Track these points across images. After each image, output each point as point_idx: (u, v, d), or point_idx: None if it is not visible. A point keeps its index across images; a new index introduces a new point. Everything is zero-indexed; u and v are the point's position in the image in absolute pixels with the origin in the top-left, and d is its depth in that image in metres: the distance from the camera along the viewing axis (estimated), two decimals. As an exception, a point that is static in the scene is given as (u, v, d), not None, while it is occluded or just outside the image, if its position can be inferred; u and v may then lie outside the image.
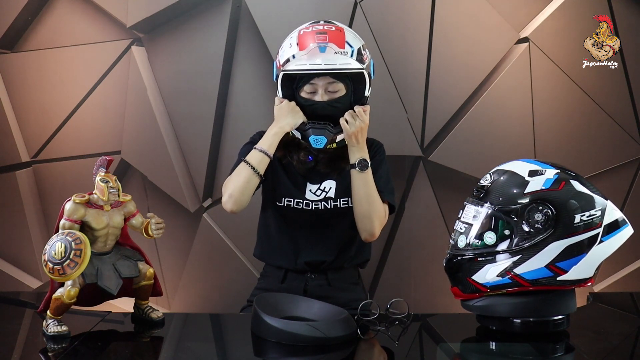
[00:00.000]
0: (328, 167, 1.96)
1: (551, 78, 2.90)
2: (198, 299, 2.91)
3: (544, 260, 1.54)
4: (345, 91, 1.89)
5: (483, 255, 1.57)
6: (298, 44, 1.85)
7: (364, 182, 1.89)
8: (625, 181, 3.00)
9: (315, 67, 1.82)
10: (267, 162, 1.89)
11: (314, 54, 1.82)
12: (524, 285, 1.55)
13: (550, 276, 1.54)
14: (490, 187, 1.60)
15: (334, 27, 1.89)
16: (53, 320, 1.55)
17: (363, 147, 1.90)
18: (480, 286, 1.58)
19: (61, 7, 2.83)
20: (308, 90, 1.89)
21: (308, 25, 1.91)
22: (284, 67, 1.86)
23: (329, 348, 1.49)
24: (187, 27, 2.82)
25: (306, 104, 1.90)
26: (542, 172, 1.58)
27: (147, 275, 1.64)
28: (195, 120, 2.86)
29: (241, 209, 1.91)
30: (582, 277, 1.56)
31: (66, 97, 2.86)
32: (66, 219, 1.54)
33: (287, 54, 1.86)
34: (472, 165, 2.87)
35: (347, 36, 1.87)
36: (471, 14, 2.85)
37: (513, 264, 1.55)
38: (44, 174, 2.92)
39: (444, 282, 1.72)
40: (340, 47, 1.84)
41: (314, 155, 1.96)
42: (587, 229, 1.54)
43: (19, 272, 2.94)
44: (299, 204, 1.96)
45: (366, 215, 1.91)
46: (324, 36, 1.85)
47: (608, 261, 1.61)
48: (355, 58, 1.84)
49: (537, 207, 1.54)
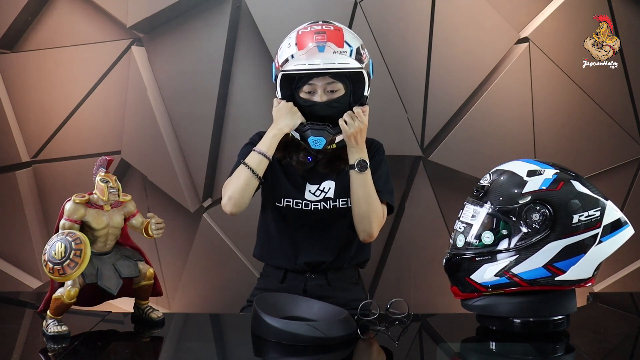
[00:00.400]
0: (327, 167, 1.96)
1: (551, 78, 2.90)
2: (198, 299, 2.91)
3: (542, 260, 1.54)
4: (345, 91, 1.89)
5: (481, 255, 1.57)
6: (297, 43, 1.85)
7: (363, 182, 1.89)
8: (625, 181, 3.00)
9: (314, 66, 1.81)
10: (266, 164, 1.89)
11: (312, 54, 1.82)
12: (522, 285, 1.55)
13: (548, 276, 1.54)
14: (489, 187, 1.60)
15: (333, 27, 1.88)
16: (53, 320, 1.55)
17: (362, 148, 1.90)
18: (478, 286, 1.58)
19: (61, 7, 2.83)
20: (307, 90, 1.89)
21: (307, 26, 1.90)
22: (282, 68, 1.86)
23: (329, 348, 1.49)
24: (187, 27, 2.82)
25: (305, 105, 1.89)
26: (541, 172, 1.58)
27: (147, 275, 1.64)
28: (195, 120, 2.86)
29: (241, 210, 1.91)
30: (581, 278, 1.56)
31: (66, 97, 2.86)
32: (66, 219, 1.54)
33: (286, 54, 1.86)
34: (472, 165, 2.87)
35: (346, 36, 1.87)
36: (471, 14, 2.85)
37: (511, 263, 1.55)
38: (44, 174, 2.92)
39: (444, 282, 1.72)
40: (339, 46, 1.83)
41: (313, 155, 1.96)
42: (586, 229, 1.54)
43: (19, 272, 2.94)
44: (298, 204, 1.96)
45: (365, 216, 1.91)
46: (322, 36, 1.84)
47: (608, 261, 1.61)
48: (354, 57, 1.84)
49: (535, 207, 1.54)
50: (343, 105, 1.89)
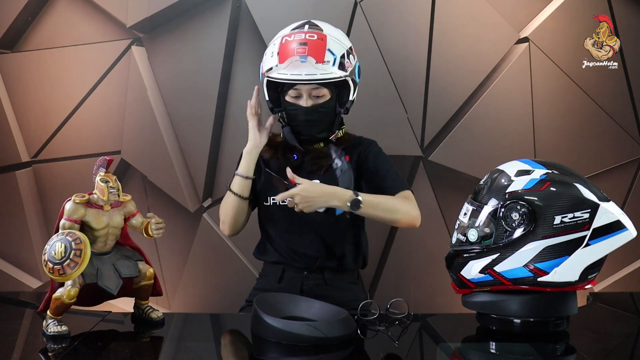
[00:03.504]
0: (314, 164, 1.97)
1: (551, 78, 2.90)
2: (198, 299, 2.91)
3: (522, 260, 1.53)
4: (330, 96, 1.92)
5: (467, 251, 1.60)
6: (279, 54, 1.88)
7: (371, 210, 1.88)
8: (625, 181, 3.00)
9: (296, 77, 1.84)
10: (250, 183, 1.97)
11: (294, 67, 1.85)
12: (506, 284, 1.55)
13: (530, 277, 1.53)
14: (482, 186, 1.62)
15: (317, 36, 1.89)
16: (53, 320, 1.55)
17: (332, 195, 1.84)
18: (468, 282, 1.61)
19: (61, 7, 2.83)
20: (293, 95, 1.92)
21: (290, 32, 1.92)
22: (267, 74, 1.90)
23: (329, 348, 1.49)
24: (187, 27, 2.82)
25: (291, 109, 1.93)
26: (530, 172, 1.58)
27: (147, 275, 1.64)
28: (195, 120, 2.86)
29: (238, 231, 2.03)
30: (566, 280, 1.53)
31: (66, 97, 2.86)
32: (66, 219, 1.54)
33: (269, 63, 1.91)
34: (472, 165, 2.87)
35: (329, 44, 1.88)
36: (471, 14, 2.85)
37: (493, 261, 1.55)
38: (44, 174, 2.92)
39: (444, 282, 1.72)
40: (319, 60, 1.86)
41: (298, 154, 1.98)
42: (569, 231, 1.52)
43: (19, 272, 2.94)
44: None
45: (398, 220, 1.93)
46: (303, 48, 1.86)
47: (608, 261, 1.60)
48: (337, 67, 1.86)
49: (516, 206, 1.54)
50: (328, 109, 1.92)
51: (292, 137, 1.97)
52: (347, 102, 1.93)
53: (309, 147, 1.99)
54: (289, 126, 1.97)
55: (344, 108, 1.94)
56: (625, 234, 1.55)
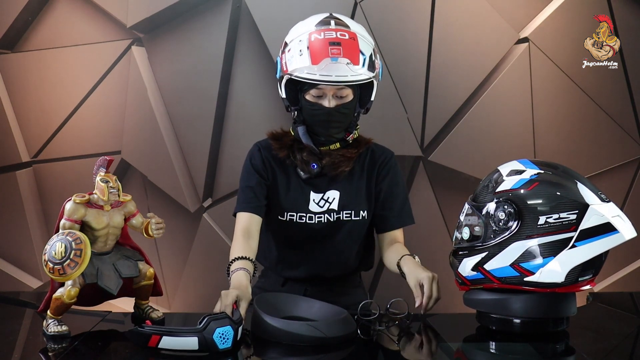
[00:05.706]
0: (334, 168, 1.89)
1: (551, 78, 2.90)
2: (198, 299, 2.91)
3: (508, 259, 1.53)
4: (353, 96, 1.84)
5: (462, 249, 1.61)
6: (311, 54, 1.77)
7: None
8: (625, 181, 3.00)
9: (326, 78, 1.75)
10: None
11: (327, 68, 1.75)
12: (495, 283, 1.55)
13: (517, 276, 1.53)
14: (480, 186, 1.64)
15: (347, 35, 1.80)
16: (53, 320, 1.55)
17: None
18: (464, 279, 1.62)
19: (61, 7, 2.83)
20: (315, 94, 1.82)
21: (318, 29, 1.81)
22: (291, 72, 1.79)
23: (329, 348, 1.49)
24: (187, 27, 2.82)
25: (311, 108, 1.83)
26: (522, 172, 1.58)
27: (147, 275, 1.64)
28: (195, 120, 2.86)
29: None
30: (552, 281, 1.51)
31: (66, 97, 2.87)
32: (66, 219, 1.53)
33: (299, 62, 1.78)
34: (472, 165, 2.87)
35: (361, 44, 1.80)
36: (471, 14, 2.85)
37: (482, 259, 1.56)
38: (44, 174, 2.92)
39: (444, 282, 1.72)
40: (355, 62, 1.77)
41: (317, 162, 1.89)
42: (555, 232, 1.50)
43: (19, 272, 2.94)
44: (302, 217, 1.91)
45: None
46: (338, 49, 1.77)
47: (608, 261, 1.60)
48: (367, 67, 1.79)
49: (503, 205, 1.54)
50: (350, 110, 1.85)
51: (307, 138, 1.87)
52: (367, 102, 1.87)
53: (322, 148, 1.90)
54: (303, 125, 1.88)
55: (364, 108, 1.88)
56: (615, 236, 1.51)
